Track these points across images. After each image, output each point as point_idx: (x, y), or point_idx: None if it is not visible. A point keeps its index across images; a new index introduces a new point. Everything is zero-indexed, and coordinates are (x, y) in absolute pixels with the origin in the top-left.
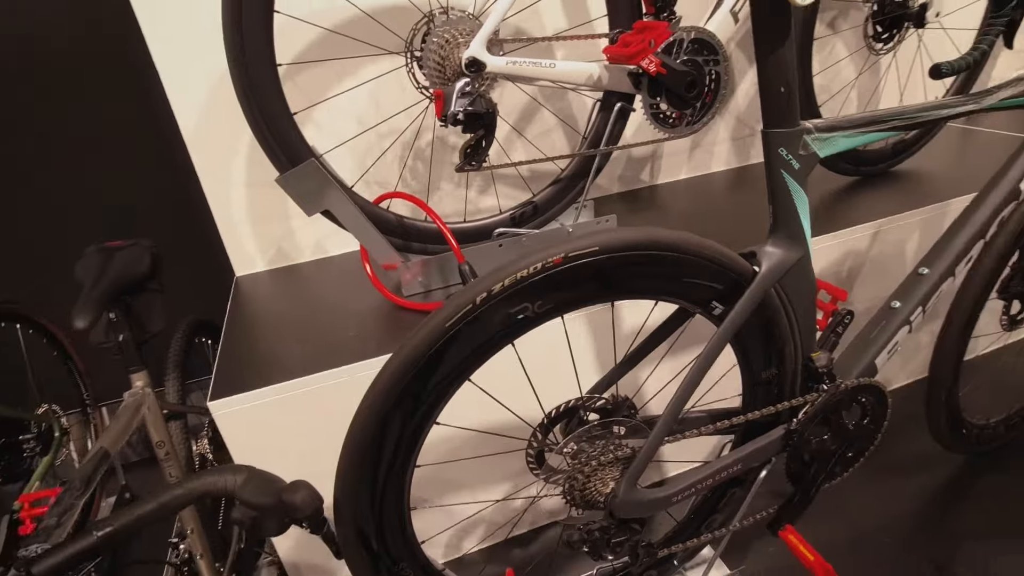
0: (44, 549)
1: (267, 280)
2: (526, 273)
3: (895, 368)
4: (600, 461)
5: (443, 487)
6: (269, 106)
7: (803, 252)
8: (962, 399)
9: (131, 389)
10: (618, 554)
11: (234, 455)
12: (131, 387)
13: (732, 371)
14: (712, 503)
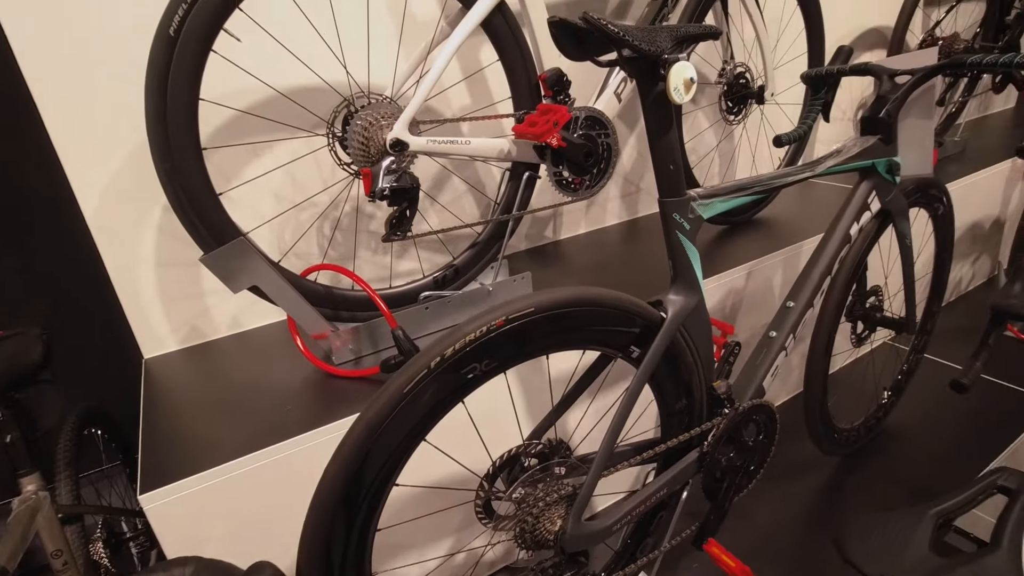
0: None
1: (181, 360)
2: (474, 336)
3: (777, 388)
4: (546, 502)
5: (393, 551)
6: (194, 189)
7: (699, 297)
8: (831, 408)
9: (21, 495)
10: None
11: (170, 553)
12: (20, 491)
13: (649, 407)
14: (644, 528)
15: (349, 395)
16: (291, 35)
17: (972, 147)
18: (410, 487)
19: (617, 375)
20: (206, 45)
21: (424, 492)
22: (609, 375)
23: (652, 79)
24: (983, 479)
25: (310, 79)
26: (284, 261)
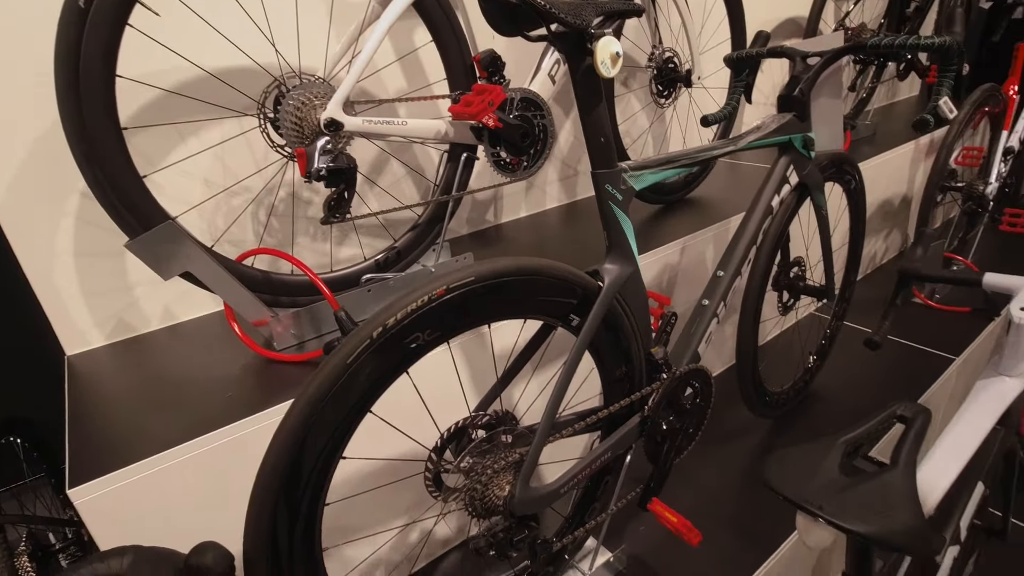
0: None
1: (108, 355)
2: (415, 305)
3: (713, 359)
4: (494, 469)
5: (344, 529)
6: (115, 171)
7: (634, 267)
8: (762, 373)
9: None
10: (521, 550)
11: (105, 547)
12: None
13: (592, 376)
14: (591, 494)
15: (292, 379)
16: (218, 13)
17: (881, 130)
18: (359, 460)
19: (560, 347)
20: (121, 18)
21: (373, 467)
22: (552, 346)
23: (580, 53)
24: (885, 411)
25: (239, 59)
26: (218, 250)
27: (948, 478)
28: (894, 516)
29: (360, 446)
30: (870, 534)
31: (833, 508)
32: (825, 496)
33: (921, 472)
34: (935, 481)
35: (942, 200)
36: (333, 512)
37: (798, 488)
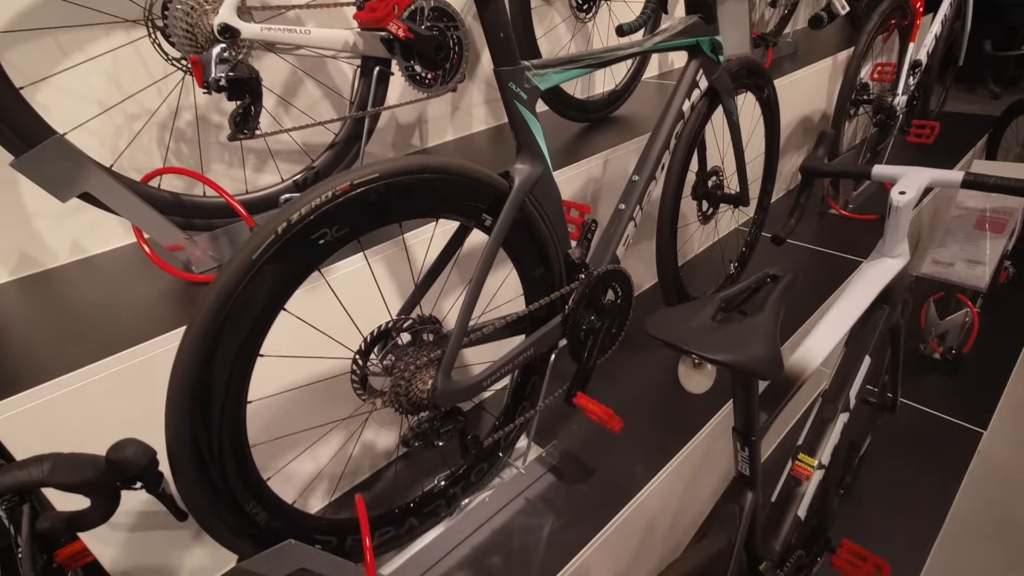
0: None
1: (15, 291)
2: (320, 201)
3: (641, 274)
4: (416, 365)
5: (282, 445)
6: None
7: (545, 167)
8: (688, 282)
9: None
10: (446, 440)
11: None
12: None
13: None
14: (520, 394)
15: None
16: None
17: (803, 48)
18: (284, 362)
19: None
20: None
21: (301, 372)
22: (476, 255)
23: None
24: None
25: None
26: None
27: (830, 344)
28: (751, 348)
29: (284, 348)
30: (728, 361)
31: (701, 345)
32: (696, 337)
33: (807, 341)
34: (818, 347)
35: (855, 113)
36: (264, 422)
37: (674, 332)
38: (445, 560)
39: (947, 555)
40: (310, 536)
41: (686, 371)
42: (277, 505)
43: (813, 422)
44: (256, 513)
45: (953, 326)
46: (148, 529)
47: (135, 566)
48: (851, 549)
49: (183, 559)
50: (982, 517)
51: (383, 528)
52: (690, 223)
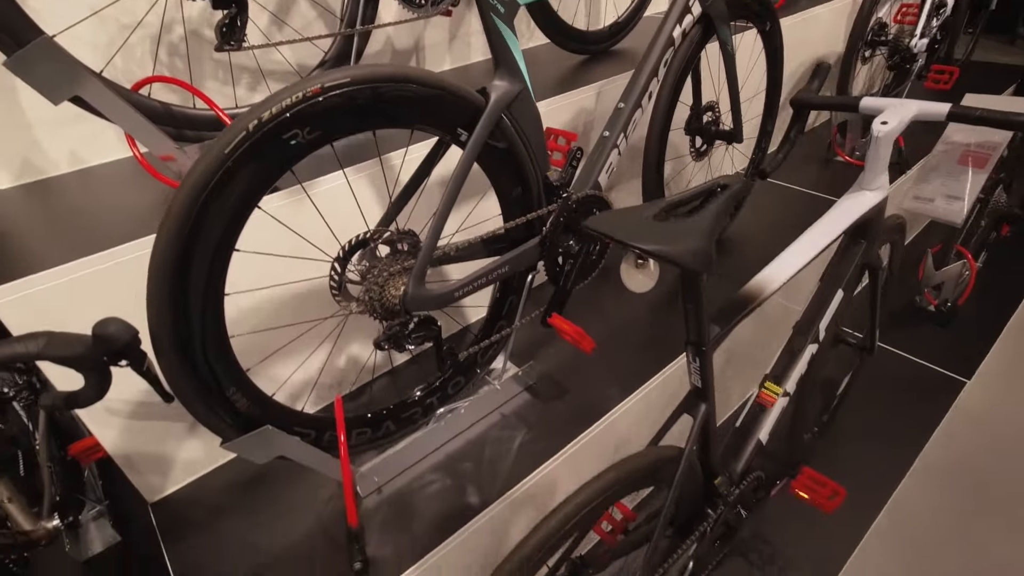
0: None
1: (18, 195)
2: (291, 101)
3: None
4: (391, 272)
5: (263, 348)
6: None
7: (523, 85)
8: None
9: None
10: (418, 343)
11: None
12: None
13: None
14: (497, 312)
15: None
16: None
17: None
18: (261, 259)
19: (469, 187)
20: None
21: (280, 278)
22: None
23: None
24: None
25: None
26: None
27: (792, 268)
28: (683, 242)
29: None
30: (655, 251)
31: (633, 237)
32: (631, 231)
33: (770, 265)
34: (780, 271)
35: (870, 55)
36: (246, 318)
37: (610, 227)
38: (420, 464)
39: (912, 494)
40: (289, 427)
41: (628, 270)
42: (257, 395)
43: (782, 352)
44: (237, 400)
45: (949, 277)
46: (146, 419)
47: (135, 452)
48: (811, 475)
49: (179, 450)
50: (953, 462)
51: (360, 428)
52: (687, 164)
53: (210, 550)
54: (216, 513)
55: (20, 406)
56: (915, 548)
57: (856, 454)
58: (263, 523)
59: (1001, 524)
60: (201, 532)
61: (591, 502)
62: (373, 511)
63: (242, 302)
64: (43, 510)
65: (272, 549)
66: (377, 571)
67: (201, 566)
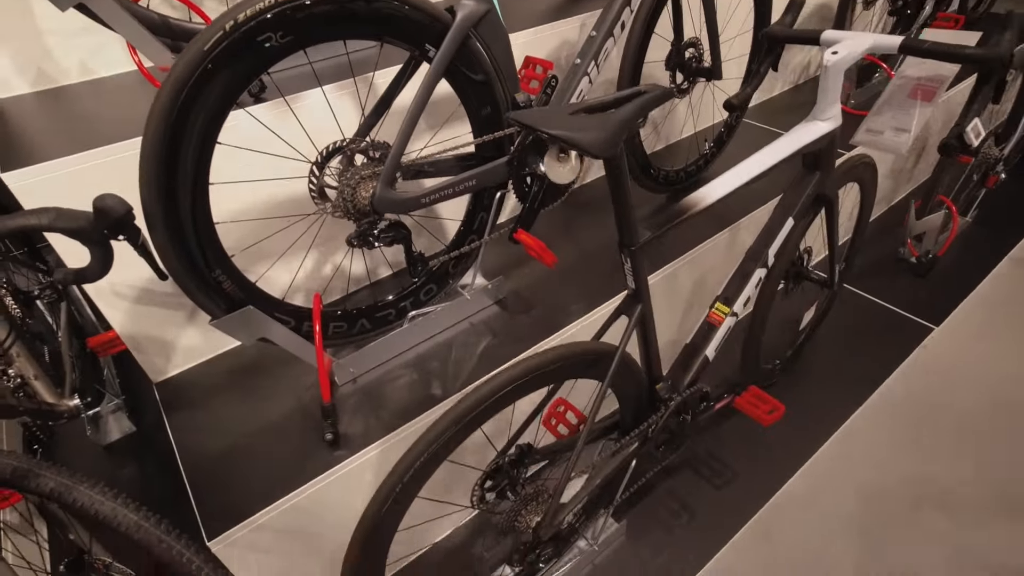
0: None
1: (33, 100)
2: (264, 5)
3: None
4: (361, 176)
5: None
6: None
7: (490, 5)
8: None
9: None
10: (386, 243)
11: None
12: None
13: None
14: (468, 226)
15: None
16: None
17: None
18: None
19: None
20: None
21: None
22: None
23: None
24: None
25: None
26: None
27: (730, 185)
28: (591, 132)
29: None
30: (561, 135)
31: (545, 124)
32: (545, 121)
33: (712, 181)
34: (718, 187)
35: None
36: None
37: (528, 117)
38: (392, 361)
39: (863, 427)
40: (271, 313)
41: (551, 162)
42: (242, 280)
43: (733, 276)
44: (222, 280)
45: (931, 227)
46: (149, 304)
47: (141, 334)
48: (755, 393)
49: (180, 337)
50: (907, 403)
51: (337, 323)
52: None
53: (205, 423)
54: (212, 393)
55: (44, 304)
56: (860, 469)
57: (815, 387)
58: (252, 403)
59: (946, 453)
60: (198, 408)
61: (522, 377)
62: (348, 396)
63: (228, 198)
64: (65, 391)
65: (259, 423)
66: (347, 443)
67: (197, 432)
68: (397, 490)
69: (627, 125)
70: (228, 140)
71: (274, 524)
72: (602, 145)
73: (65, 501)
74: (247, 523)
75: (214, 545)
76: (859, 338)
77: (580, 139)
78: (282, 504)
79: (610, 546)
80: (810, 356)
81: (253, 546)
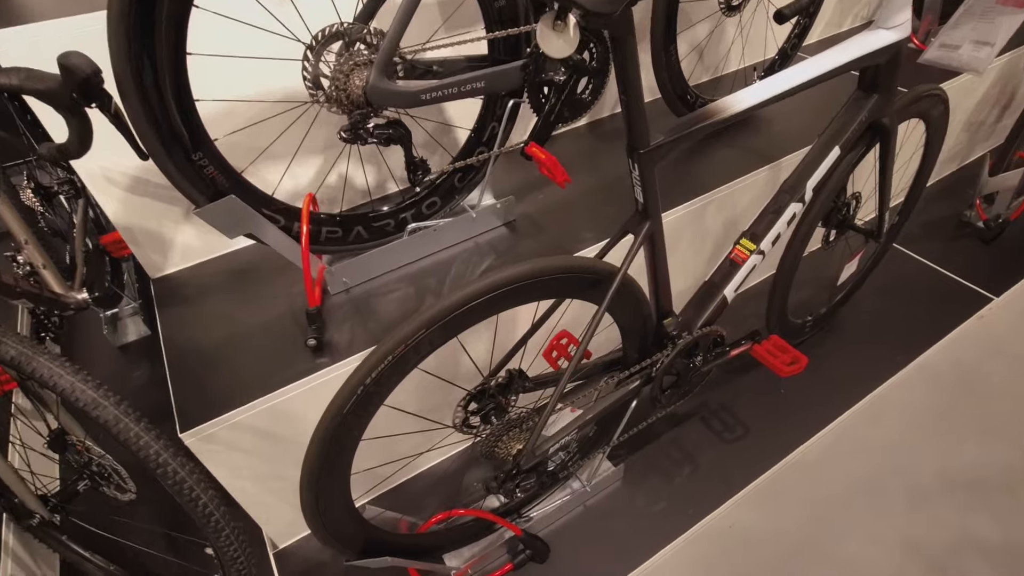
0: None
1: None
2: None
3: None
4: (356, 62)
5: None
6: None
7: None
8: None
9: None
10: (382, 141)
11: None
12: None
13: None
14: (478, 138)
15: None
16: None
17: None
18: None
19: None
20: None
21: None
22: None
23: None
24: None
25: None
26: None
27: (760, 96)
28: None
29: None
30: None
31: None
32: None
33: (743, 90)
34: (747, 96)
35: None
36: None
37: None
38: (388, 275)
39: (895, 396)
40: (259, 208)
41: (544, 31)
42: (226, 167)
43: (764, 210)
44: (205, 165)
45: (1005, 187)
46: (143, 195)
47: (137, 226)
48: (777, 343)
49: (176, 234)
50: (951, 375)
51: (331, 228)
52: (715, 19)
53: (194, 317)
54: (206, 292)
55: (65, 199)
56: (885, 439)
57: (849, 348)
58: (242, 304)
59: (981, 428)
60: (190, 304)
61: (505, 285)
62: (338, 306)
63: (213, 78)
64: (75, 283)
65: (248, 325)
66: (331, 351)
67: (185, 328)
68: (359, 391)
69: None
70: (211, 6)
71: (252, 423)
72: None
73: (25, 370)
74: (221, 420)
75: (187, 437)
76: (905, 302)
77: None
78: (259, 405)
79: (604, 489)
80: (847, 315)
81: (229, 443)
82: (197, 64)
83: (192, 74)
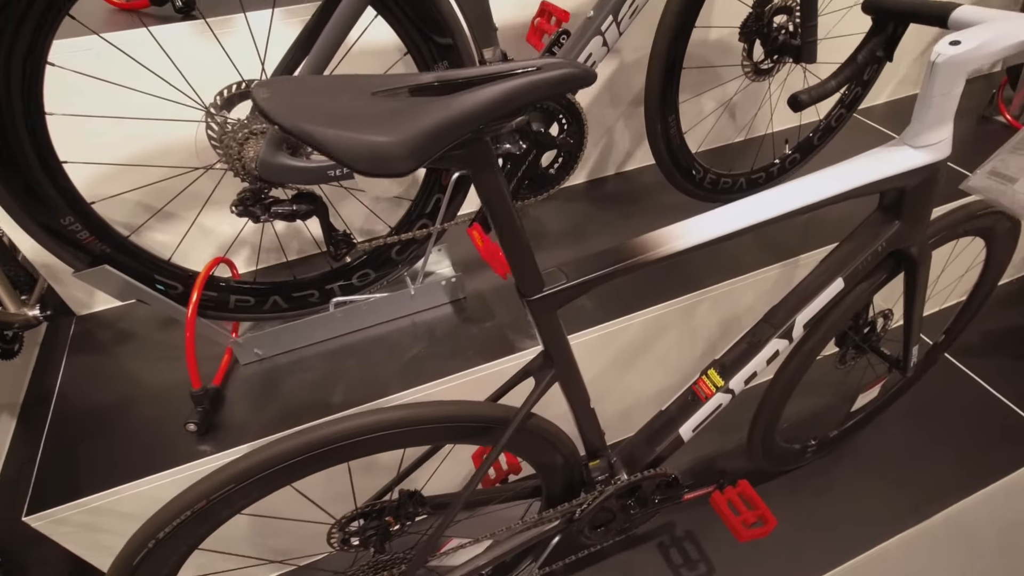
0: None
1: None
2: None
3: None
4: (251, 130)
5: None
6: None
7: None
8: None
9: None
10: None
11: None
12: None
13: None
14: (421, 209)
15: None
16: None
17: None
18: None
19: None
20: None
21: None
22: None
23: None
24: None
25: None
26: None
27: (718, 230)
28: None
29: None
30: (291, 128)
31: (295, 115)
32: (304, 106)
33: (698, 217)
34: (699, 227)
35: None
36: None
37: (270, 96)
38: (306, 349)
39: (913, 553)
40: (150, 275)
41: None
42: (106, 231)
43: (741, 339)
44: (77, 230)
45: None
46: None
47: (60, 266)
48: (746, 492)
49: None
50: (987, 534)
51: (241, 296)
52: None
53: (96, 370)
54: (121, 339)
55: None
56: None
57: (861, 482)
58: (151, 360)
59: None
60: (99, 352)
61: (367, 432)
62: (244, 380)
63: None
64: (31, 299)
65: (145, 385)
66: (214, 437)
67: (84, 378)
68: (149, 545)
69: (453, 130)
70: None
71: (115, 508)
72: (382, 162)
73: None
74: (79, 504)
75: (33, 520)
76: (943, 430)
77: (337, 145)
78: (126, 490)
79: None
80: (865, 436)
81: (87, 525)
82: (75, 123)
83: (68, 134)
